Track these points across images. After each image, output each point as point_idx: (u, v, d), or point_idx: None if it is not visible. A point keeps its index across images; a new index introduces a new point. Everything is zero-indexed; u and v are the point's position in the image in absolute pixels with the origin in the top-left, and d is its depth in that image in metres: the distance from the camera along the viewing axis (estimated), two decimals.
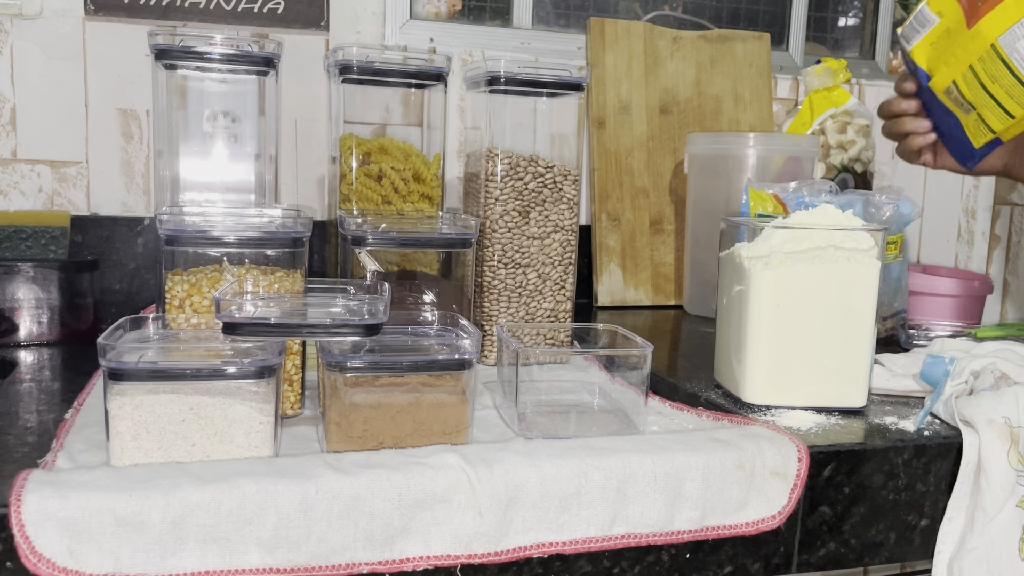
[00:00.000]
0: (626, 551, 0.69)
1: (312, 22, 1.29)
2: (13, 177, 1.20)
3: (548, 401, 0.89)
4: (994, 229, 1.78)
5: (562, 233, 1.02)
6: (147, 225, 1.23)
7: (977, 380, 0.81)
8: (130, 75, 1.23)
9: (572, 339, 0.99)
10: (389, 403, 0.71)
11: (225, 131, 1.07)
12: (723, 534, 0.71)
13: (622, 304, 1.43)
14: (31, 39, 1.19)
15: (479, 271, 1.00)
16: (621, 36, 1.45)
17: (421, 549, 0.64)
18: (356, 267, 0.93)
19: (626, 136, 1.45)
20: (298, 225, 0.81)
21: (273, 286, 0.79)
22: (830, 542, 0.76)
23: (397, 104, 1.21)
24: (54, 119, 1.21)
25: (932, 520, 0.78)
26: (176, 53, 0.99)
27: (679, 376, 0.96)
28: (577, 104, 1.04)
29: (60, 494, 0.57)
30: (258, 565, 0.60)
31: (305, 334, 0.71)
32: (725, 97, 1.51)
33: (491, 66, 1.00)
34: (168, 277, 0.79)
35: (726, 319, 0.89)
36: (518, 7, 1.47)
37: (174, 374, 0.65)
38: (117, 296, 1.22)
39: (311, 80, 1.29)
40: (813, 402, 0.84)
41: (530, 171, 1.00)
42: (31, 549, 0.56)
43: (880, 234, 0.84)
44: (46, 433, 0.72)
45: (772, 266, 0.82)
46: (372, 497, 0.62)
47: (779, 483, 0.72)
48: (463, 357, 0.72)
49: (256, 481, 0.60)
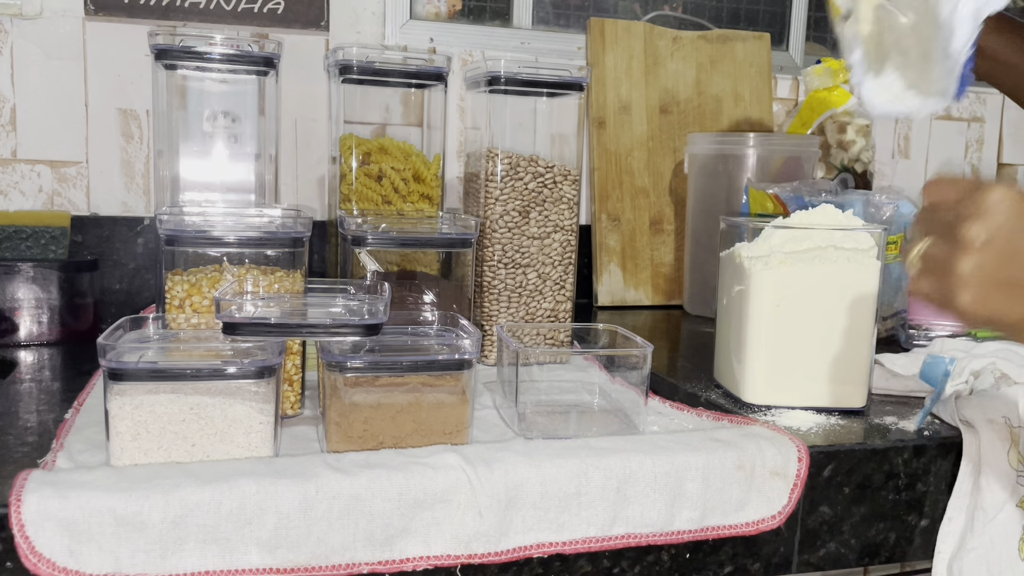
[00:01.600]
0: (626, 551, 0.69)
1: (312, 22, 1.29)
2: (13, 177, 1.20)
3: (548, 401, 0.89)
4: None
5: (562, 233, 1.02)
6: (147, 225, 1.23)
7: (977, 380, 0.81)
8: (130, 75, 1.23)
9: (572, 339, 0.99)
10: (389, 403, 0.71)
11: (225, 131, 1.07)
12: (723, 534, 0.71)
13: (622, 304, 1.43)
14: (31, 39, 1.19)
15: (479, 271, 1.00)
16: (621, 36, 1.45)
17: (421, 549, 0.64)
18: (356, 267, 0.93)
19: (626, 136, 1.45)
20: (298, 225, 0.81)
21: (273, 286, 0.79)
22: (830, 542, 0.76)
23: (397, 104, 1.21)
24: (54, 119, 1.21)
25: (932, 520, 0.78)
26: (176, 53, 0.99)
27: (679, 376, 0.96)
28: (577, 104, 1.04)
29: (60, 494, 0.57)
30: (258, 565, 0.60)
31: (305, 334, 0.71)
32: (725, 97, 1.51)
33: (491, 66, 1.00)
34: (168, 277, 0.79)
35: (726, 319, 0.89)
36: (518, 7, 1.47)
37: (174, 374, 0.65)
38: (117, 296, 1.22)
39: (311, 80, 1.29)
40: (813, 402, 0.84)
41: (530, 171, 1.00)
42: (31, 549, 0.56)
43: (880, 234, 0.84)
44: (46, 433, 0.72)
45: (772, 266, 0.82)
46: (372, 497, 0.62)
47: (779, 483, 0.72)
48: (463, 357, 0.72)
49: (256, 481, 0.60)
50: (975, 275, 0.55)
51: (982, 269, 0.55)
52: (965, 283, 0.55)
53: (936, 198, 0.60)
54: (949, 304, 0.57)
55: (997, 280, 0.55)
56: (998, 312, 0.55)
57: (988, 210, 0.55)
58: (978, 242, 0.55)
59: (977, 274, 0.55)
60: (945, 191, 0.59)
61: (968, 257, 0.55)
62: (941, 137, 1.70)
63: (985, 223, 0.55)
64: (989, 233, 0.55)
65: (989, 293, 0.55)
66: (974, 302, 0.55)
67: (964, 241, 0.55)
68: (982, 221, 0.55)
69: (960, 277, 0.55)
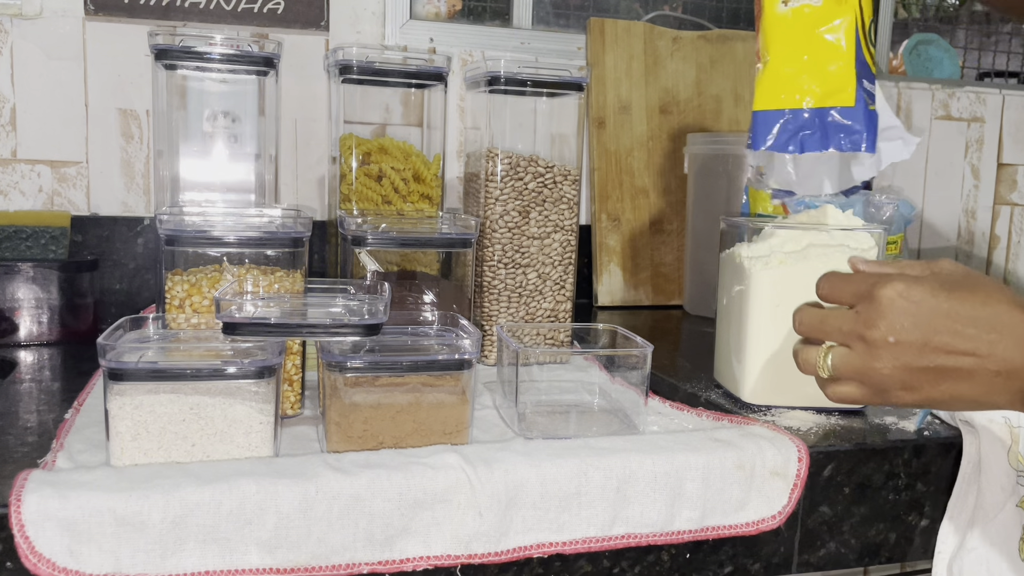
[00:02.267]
0: (626, 551, 0.69)
1: (312, 22, 1.29)
2: (13, 177, 1.20)
3: (548, 401, 0.89)
4: (994, 229, 1.78)
5: (562, 233, 1.02)
6: (147, 225, 1.23)
7: None
8: (130, 75, 1.23)
9: (572, 339, 0.99)
10: (389, 403, 0.71)
11: (225, 131, 1.07)
12: (723, 534, 0.71)
13: (622, 304, 1.43)
14: (31, 39, 1.19)
15: (479, 271, 1.00)
16: (621, 36, 1.45)
17: (421, 549, 0.64)
18: (356, 267, 0.93)
19: (626, 136, 1.45)
20: (298, 225, 0.81)
21: (273, 286, 0.79)
22: (830, 542, 0.76)
23: (397, 104, 1.21)
24: (54, 119, 1.21)
25: (932, 520, 0.78)
26: (176, 53, 0.99)
27: (679, 376, 0.96)
28: (577, 104, 1.04)
29: (60, 494, 0.57)
30: (258, 565, 0.60)
31: (305, 334, 0.71)
32: (725, 97, 1.51)
33: (491, 66, 1.00)
34: (168, 277, 0.79)
35: (726, 319, 0.89)
36: (518, 7, 1.47)
37: (174, 374, 0.65)
38: (117, 296, 1.22)
39: (311, 80, 1.29)
40: (813, 402, 0.84)
41: (530, 171, 1.00)
42: (31, 549, 0.56)
43: (880, 234, 0.84)
44: (46, 433, 0.72)
45: (772, 266, 0.82)
46: (372, 497, 0.62)
47: (779, 483, 0.72)
48: (463, 357, 0.72)
49: (256, 481, 0.60)
50: (898, 370, 0.59)
51: (902, 362, 0.58)
52: (891, 379, 0.59)
53: (829, 294, 0.63)
54: (881, 401, 0.61)
55: (918, 368, 0.58)
56: (929, 396, 0.59)
57: (886, 311, 0.58)
58: (888, 341, 0.58)
59: (899, 369, 0.59)
60: (838, 290, 0.63)
61: (885, 354, 0.59)
62: (941, 137, 1.70)
63: (889, 324, 0.58)
64: (895, 335, 0.58)
65: (915, 382, 0.59)
66: (905, 393, 0.59)
67: (874, 343, 0.59)
68: (885, 323, 0.58)
69: (884, 376, 0.59)
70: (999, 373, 0.57)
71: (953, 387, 0.58)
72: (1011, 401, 0.58)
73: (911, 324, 0.58)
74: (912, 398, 0.60)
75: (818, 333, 0.63)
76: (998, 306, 0.57)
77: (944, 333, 0.57)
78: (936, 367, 0.58)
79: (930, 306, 0.57)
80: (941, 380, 0.58)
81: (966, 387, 0.58)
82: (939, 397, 0.59)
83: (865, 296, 0.60)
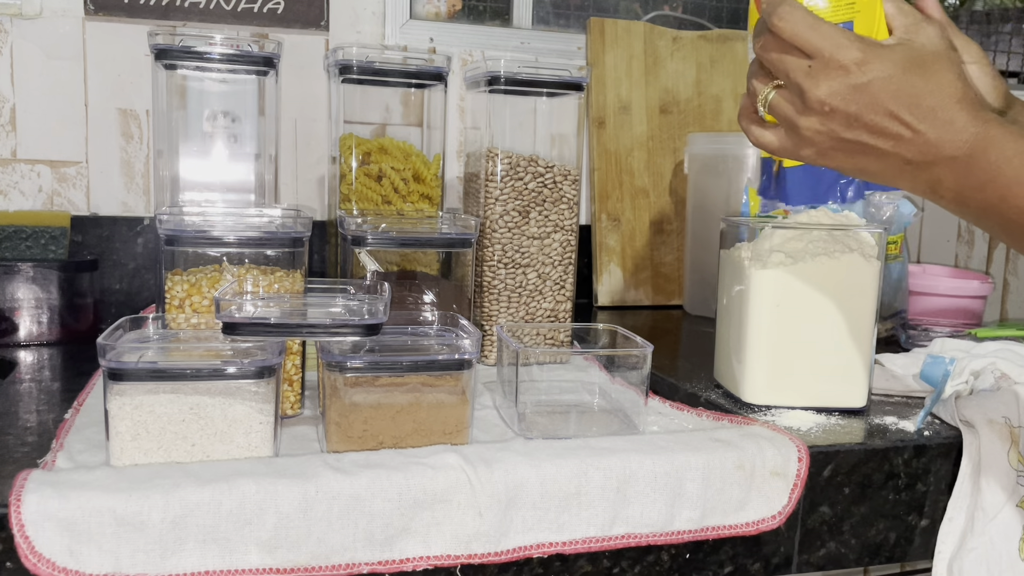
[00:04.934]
0: (626, 551, 0.69)
1: (312, 22, 1.29)
2: (13, 177, 1.20)
3: (548, 401, 0.89)
4: None
5: (562, 233, 1.02)
6: (147, 225, 1.23)
7: (977, 380, 0.81)
8: (130, 75, 1.23)
9: (572, 339, 0.99)
10: (389, 403, 0.71)
11: (225, 131, 1.07)
12: (723, 534, 0.71)
13: (622, 304, 1.43)
14: (31, 39, 1.19)
15: (479, 271, 1.00)
16: (621, 36, 1.45)
17: (421, 549, 0.64)
18: (356, 267, 0.93)
19: (626, 136, 1.45)
20: (298, 225, 0.81)
21: (273, 286, 0.79)
22: (830, 542, 0.76)
23: (397, 104, 1.21)
24: (54, 119, 1.21)
25: (932, 520, 0.78)
26: (176, 53, 0.98)
27: (679, 376, 0.96)
28: (577, 104, 1.04)
29: (60, 494, 0.57)
30: (258, 565, 0.60)
31: (305, 334, 0.71)
32: (725, 97, 1.51)
33: (491, 66, 1.00)
34: (168, 277, 0.79)
35: (726, 319, 0.89)
36: (518, 7, 1.47)
37: (174, 374, 0.65)
38: (117, 296, 1.22)
39: (311, 80, 1.29)
40: (813, 402, 0.84)
41: (530, 171, 1.00)
42: (31, 549, 0.56)
43: (880, 234, 0.84)
44: (46, 433, 0.72)
45: (772, 266, 0.82)
46: (372, 497, 0.62)
47: (779, 483, 0.72)
48: (463, 357, 0.72)
49: (256, 481, 0.60)
50: (819, 135, 0.59)
51: (827, 128, 0.59)
52: (809, 140, 0.60)
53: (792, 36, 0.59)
54: (791, 155, 0.62)
55: (839, 138, 0.59)
56: (839, 165, 0.61)
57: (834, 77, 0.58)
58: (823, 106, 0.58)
59: (821, 134, 0.59)
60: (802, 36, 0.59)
61: (815, 117, 0.59)
62: None
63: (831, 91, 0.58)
64: (832, 103, 0.58)
65: (831, 150, 0.60)
66: (817, 156, 0.61)
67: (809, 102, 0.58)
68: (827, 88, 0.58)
69: (804, 136, 0.60)
70: (910, 162, 0.57)
71: (863, 161, 0.59)
72: (912, 187, 0.59)
73: (851, 97, 0.57)
74: (821, 161, 0.61)
75: (771, 65, 0.61)
76: (943, 99, 0.56)
77: (878, 113, 0.57)
78: (856, 141, 0.58)
79: (878, 85, 0.56)
80: (855, 154, 0.59)
81: (876, 166, 0.59)
82: (847, 167, 0.60)
83: (823, 55, 0.58)
